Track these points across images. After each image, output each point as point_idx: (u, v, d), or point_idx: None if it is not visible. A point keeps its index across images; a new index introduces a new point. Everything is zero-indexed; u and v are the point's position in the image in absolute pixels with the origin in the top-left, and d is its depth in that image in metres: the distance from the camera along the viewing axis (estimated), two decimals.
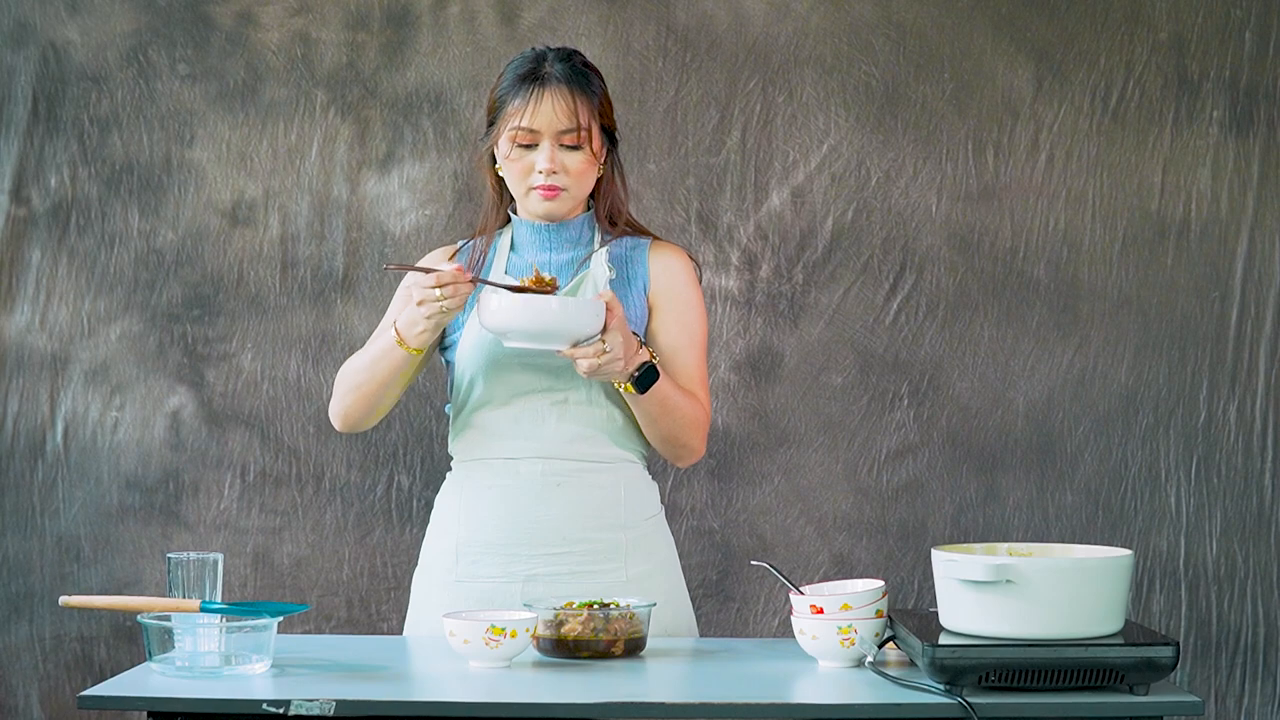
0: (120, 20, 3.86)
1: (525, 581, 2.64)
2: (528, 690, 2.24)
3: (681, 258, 2.75)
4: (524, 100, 2.65)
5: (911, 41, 3.84)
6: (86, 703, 2.19)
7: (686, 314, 2.72)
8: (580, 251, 2.72)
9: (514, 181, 2.69)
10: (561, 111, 2.64)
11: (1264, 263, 3.83)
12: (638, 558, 2.68)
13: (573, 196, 2.69)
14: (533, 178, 2.66)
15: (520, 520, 2.65)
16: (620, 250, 2.73)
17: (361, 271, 3.80)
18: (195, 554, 2.41)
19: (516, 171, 2.68)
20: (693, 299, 2.73)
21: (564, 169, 2.66)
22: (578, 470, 2.67)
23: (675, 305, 2.71)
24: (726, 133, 3.85)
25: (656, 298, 2.71)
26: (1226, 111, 3.82)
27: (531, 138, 2.65)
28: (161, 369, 3.85)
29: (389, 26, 3.86)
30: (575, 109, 2.65)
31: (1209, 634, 3.82)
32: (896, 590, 3.80)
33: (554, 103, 2.64)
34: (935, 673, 2.18)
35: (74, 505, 3.85)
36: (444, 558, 2.70)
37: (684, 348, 2.71)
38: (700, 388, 2.70)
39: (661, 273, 2.72)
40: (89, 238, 3.86)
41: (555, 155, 2.65)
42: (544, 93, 2.64)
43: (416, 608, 2.76)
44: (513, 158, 2.67)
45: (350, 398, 2.71)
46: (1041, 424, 3.84)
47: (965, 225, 3.85)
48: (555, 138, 2.65)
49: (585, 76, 2.68)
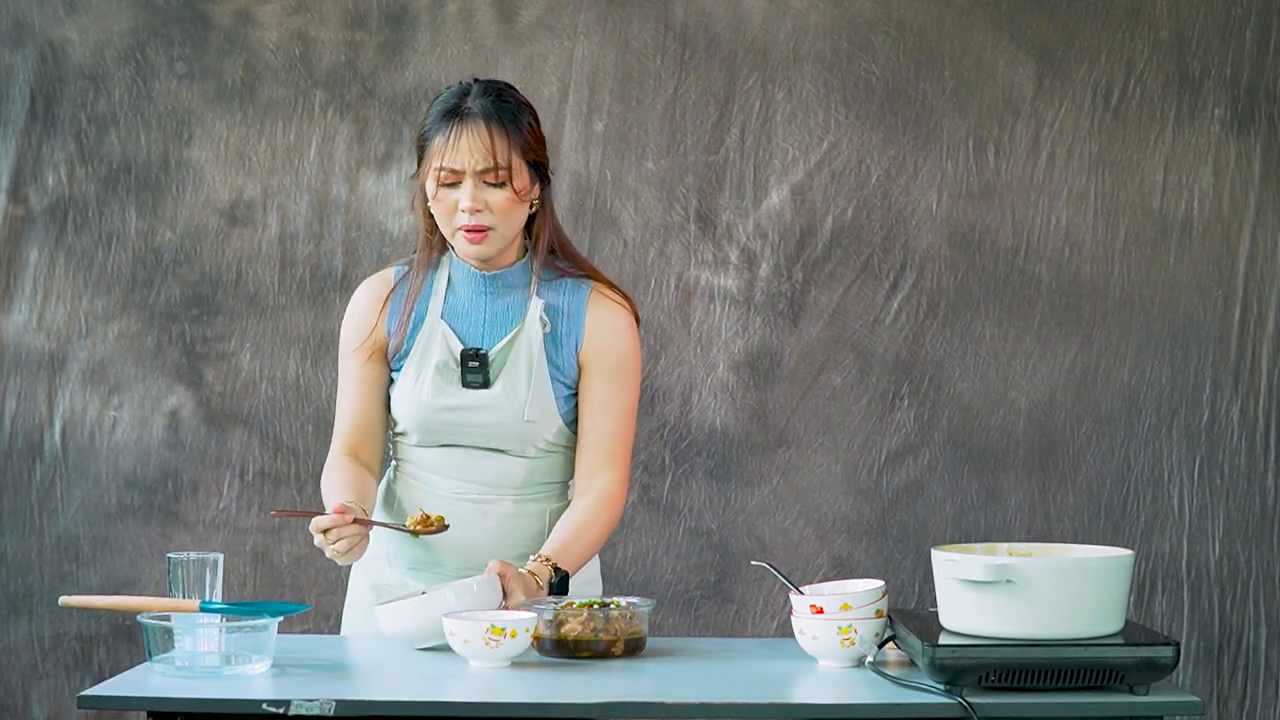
0: (118, 19, 3.85)
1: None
2: (528, 690, 2.24)
3: (620, 315, 2.71)
4: (444, 138, 2.60)
5: (911, 38, 3.84)
6: (86, 702, 2.18)
7: (616, 380, 2.69)
8: (518, 296, 2.69)
9: (441, 222, 2.64)
10: (479, 150, 2.58)
11: (1266, 261, 3.82)
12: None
13: (501, 236, 2.63)
14: (457, 217, 2.61)
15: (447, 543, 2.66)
16: (558, 299, 2.69)
17: (360, 271, 3.80)
18: (195, 554, 2.41)
19: (442, 211, 2.63)
20: (627, 362, 2.70)
21: (487, 207, 2.60)
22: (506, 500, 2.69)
23: (606, 370, 2.69)
24: (725, 130, 3.84)
25: (588, 358, 2.69)
26: (1228, 110, 3.82)
27: (454, 177, 2.60)
28: (160, 368, 3.85)
29: (387, 25, 3.86)
30: (493, 147, 2.59)
31: (1211, 635, 3.81)
32: (897, 593, 3.80)
33: (471, 140, 2.59)
34: (935, 673, 2.17)
35: (73, 505, 3.84)
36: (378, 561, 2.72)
37: (608, 413, 2.68)
38: (616, 461, 2.68)
39: (596, 333, 2.69)
40: (87, 237, 3.85)
41: (476, 194, 2.59)
42: (463, 130, 2.60)
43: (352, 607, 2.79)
44: (439, 197, 2.62)
45: None
46: (1043, 424, 3.83)
47: (966, 224, 3.84)
48: (476, 176, 2.59)
49: (509, 111, 2.62)
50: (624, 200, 3.83)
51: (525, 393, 2.65)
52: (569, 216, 3.79)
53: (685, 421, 3.84)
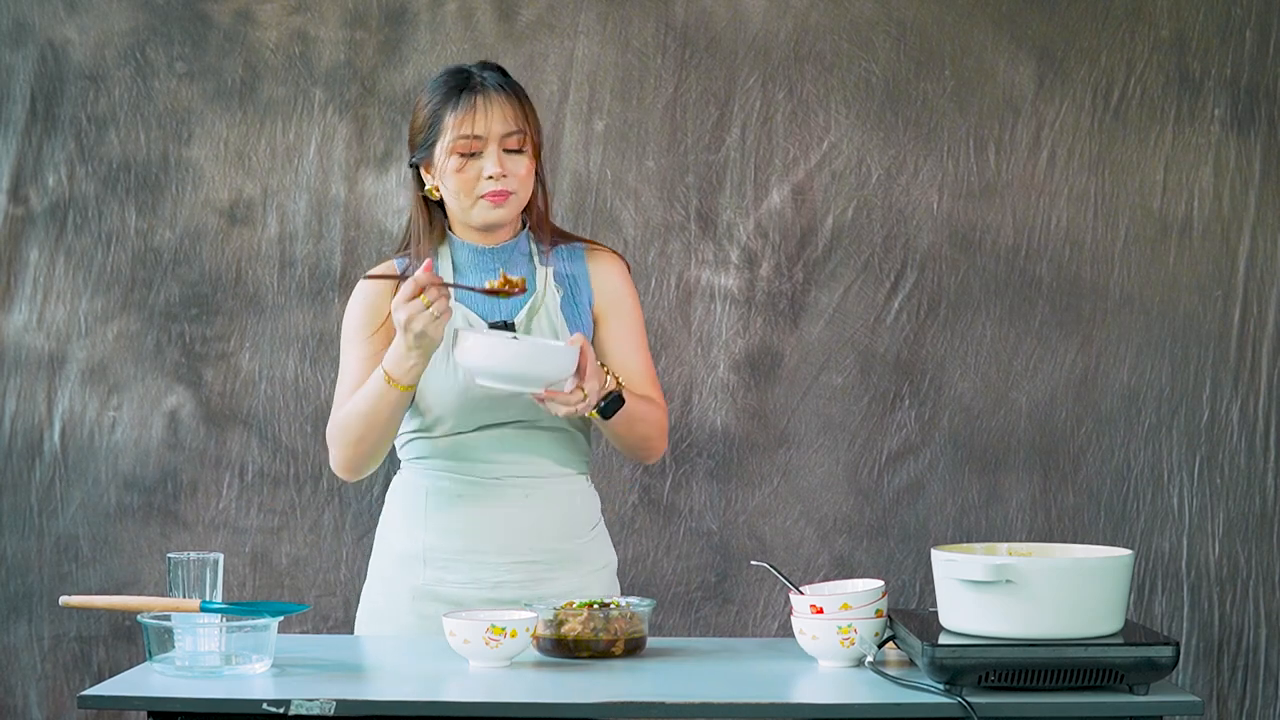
0: (118, 19, 3.85)
1: (493, 588, 2.67)
2: (528, 690, 2.23)
3: (617, 264, 2.80)
4: (465, 109, 2.65)
5: (912, 38, 3.84)
6: (87, 702, 2.18)
7: (629, 320, 2.77)
8: (522, 268, 2.74)
9: (459, 193, 2.67)
10: (505, 115, 2.66)
11: (1266, 261, 3.82)
12: (591, 562, 2.75)
13: (519, 200, 2.69)
14: (480, 185, 2.65)
15: (491, 529, 2.69)
16: (561, 267, 2.76)
17: (359, 270, 3.79)
18: (195, 554, 2.41)
19: (461, 183, 2.66)
20: (632, 303, 2.79)
21: (510, 172, 2.66)
22: (540, 484, 2.72)
23: (620, 314, 2.76)
24: (726, 130, 3.84)
25: (602, 310, 2.76)
26: (1228, 110, 3.82)
27: (476, 145, 2.64)
28: (159, 368, 3.85)
29: (387, 24, 3.85)
30: (513, 111, 2.67)
31: (1211, 635, 3.81)
32: (898, 594, 3.79)
33: (492, 108, 2.65)
34: (935, 673, 2.17)
35: (72, 505, 3.84)
36: (412, 562, 2.72)
37: (632, 353, 2.76)
38: (653, 387, 2.76)
39: (603, 284, 2.77)
40: (86, 237, 3.85)
41: (501, 158, 2.65)
42: (482, 99, 2.65)
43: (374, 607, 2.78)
44: (458, 169, 2.66)
45: (352, 449, 2.68)
46: (1044, 424, 3.83)
47: (967, 223, 3.84)
48: (499, 142, 2.65)
49: (514, 84, 2.71)
50: (624, 199, 3.83)
51: None
52: (569, 216, 3.80)
53: (686, 421, 3.84)
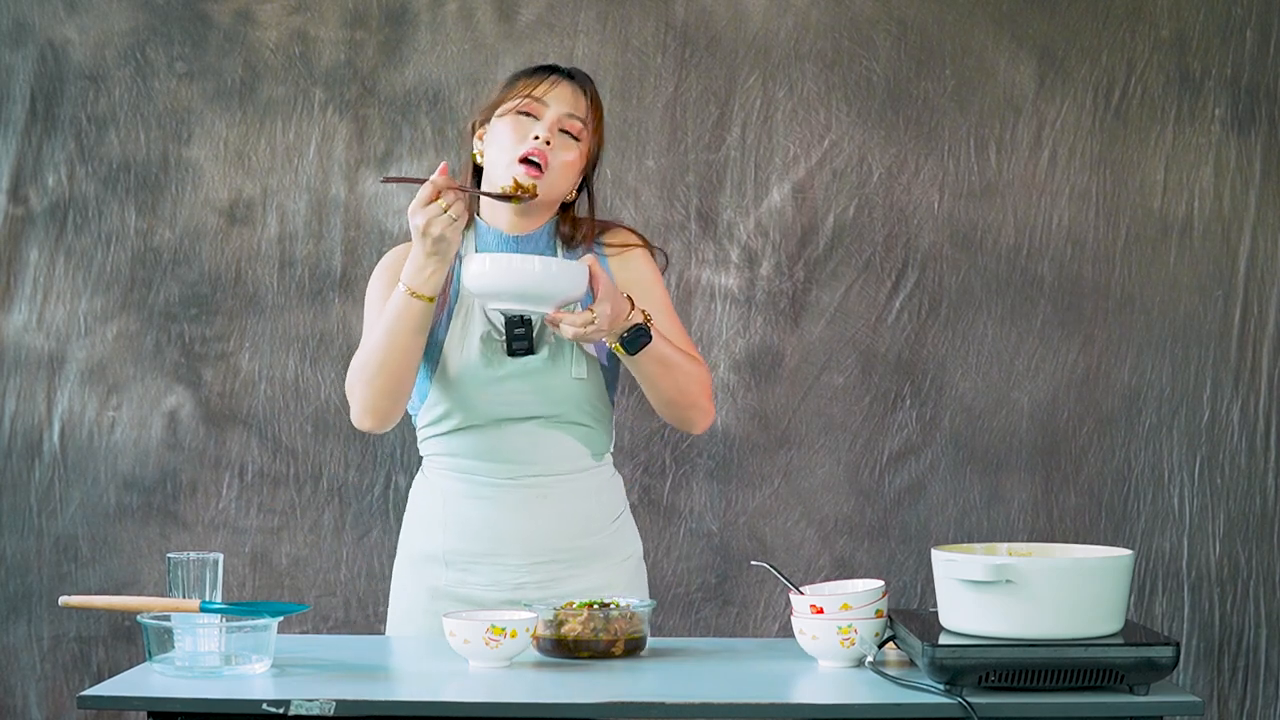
0: (118, 19, 3.85)
1: (514, 590, 2.67)
2: (528, 690, 2.23)
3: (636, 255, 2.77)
4: (539, 78, 2.70)
5: (913, 37, 3.83)
6: (86, 703, 2.18)
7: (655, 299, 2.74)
8: None
9: (503, 148, 2.67)
10: (574, 97, 2.69)
11: (1266, 261, 3.82)
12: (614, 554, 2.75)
13: (551, 183, 2.68)
14: (525, 144, 2.65)
15: (510, 532, 2.69)
16: None
17: (359, 270, 3.79)
18: (195, 554, 2.41)
19: (508, 135, 2.67)
20: (656, 281, 2.77)
21: (557, 148, 2.67)
22: (559, 482, 2.71)
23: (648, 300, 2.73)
24: (726, 129, 3.84)
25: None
26: (1228, 109, 3.82)
27: (536, 108, 2.67)
28: (159, 368, 3.84)
29: (387, 24, 3.85)
30: (581, 100, 2.70)
31: (1212, 636, 3.80)
32: (899, 595, 3.79)
33: (563, 89, 2.69)
34: (935, 673, 2.17)
35: (71, 505, 3.84)
36: (433, 564, 2.72)
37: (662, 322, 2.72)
38: (691, 348, 2.74)
39: (627, 279, 2.74)
40: (86, 237, 3.85)
41: (553, 128, 2.67)
42: (557, 76, 2.70)
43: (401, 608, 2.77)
44: (509, 120, 2.67)
45: (376, 383, 2.63)
46: (1046, 424, 3.83)
47: (968, 222, 3.84)
48: (558, 120, 2.67)
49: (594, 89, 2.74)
50: (625, 199, 3.83)
51: (570, 351, 2.68)
52: None
53: None
